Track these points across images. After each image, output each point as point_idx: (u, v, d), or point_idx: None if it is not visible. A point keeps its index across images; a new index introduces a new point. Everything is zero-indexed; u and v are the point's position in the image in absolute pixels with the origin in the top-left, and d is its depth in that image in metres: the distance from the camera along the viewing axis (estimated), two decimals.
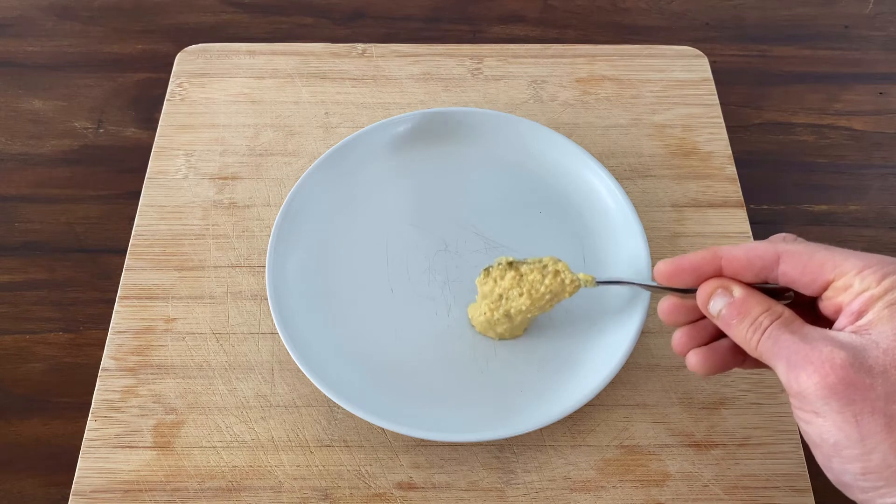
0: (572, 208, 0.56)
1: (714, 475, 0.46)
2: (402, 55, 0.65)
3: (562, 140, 0.57)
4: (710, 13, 0.75)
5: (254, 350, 0.50)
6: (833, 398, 0.29)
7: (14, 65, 0.69)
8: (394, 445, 0.47)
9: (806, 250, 0.33)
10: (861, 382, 0.29)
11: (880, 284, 0.30)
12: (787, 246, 0.34)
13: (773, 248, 0.34)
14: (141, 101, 0.66)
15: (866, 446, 0.29)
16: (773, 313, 0.33)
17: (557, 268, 0.46)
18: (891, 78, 0.70)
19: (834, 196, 0.62)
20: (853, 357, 0.29)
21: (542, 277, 0.46)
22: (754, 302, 0.34)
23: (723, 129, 0.61)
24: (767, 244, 0.34)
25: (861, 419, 0.29)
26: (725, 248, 0.35)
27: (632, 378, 0.50)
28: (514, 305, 0.47)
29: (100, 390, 0.49)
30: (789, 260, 0.33)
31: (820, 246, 0.33)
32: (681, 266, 0.36)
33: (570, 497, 0.46)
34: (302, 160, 0.59)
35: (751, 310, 0.34)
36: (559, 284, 0.46)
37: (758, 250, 0.34)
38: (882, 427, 0.28)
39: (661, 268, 0.37)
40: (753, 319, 0.33)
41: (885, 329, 0.30)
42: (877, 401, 0.29)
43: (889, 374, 0.29)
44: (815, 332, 0.32)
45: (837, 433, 0.29)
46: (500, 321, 0.48)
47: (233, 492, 0.46)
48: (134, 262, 0.54)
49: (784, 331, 0.32)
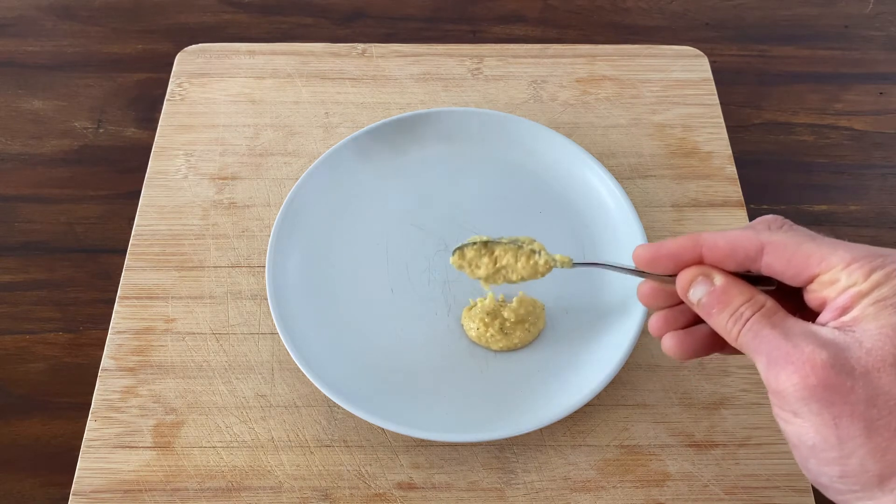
0: (572, 208, 0.56)
1: (714, 475, 0.46)
2: (402, 55, 0.65)
3: (562, 140, 0.57)
4: (710, 13, 0.75)
5: (254, 350, 0.50)
6: (813, 400, 0.28)
7: (14, 65, 0.69)
8: (394, 445, 0.47)
9: (792, 241, 0.31)
10: (842, 385, 0.28)
11: (868, 280, 0.29)
12: (771, 236, 0.32)
13: (756, 239, 0.32)
14: (141, 101, 0.66)
15: (844, 450, 0.28)
16: (754, 304, 0.32)
17: (533, 247, 0.45)
18: (891, 78, 0.70)
19: (834, 196, 0.62)
20: (835, 357, 0.28)
21: (514, 261, 0.45)
22: (736, 291, 0.33)
23: (723, 129, 0.61)
24: (751, 234, 0.32)
25: (840, 422, 0.28)
26: (707, 235, 0.34)
27: (632, 378, 0.50)
28: (505, 315, 0.48)
29: (100, 390, 0.49)
30: (773, 252, 0.32)
31: (806, 235, 0.32)
32: (660, 252, 0.35)
33: (570, 497, 0.46)
34: (302, 160, 0.59)
35: (732, 300, 0.32)
36: (531, 268, 0.44)
37: (741, 240, 0.32)
38: (861, 431, 0.28)
39: (639, 252, 0.36)
40: (734, 310, 0.32)
41: (870, 327, 0.29)
42: (857, 404, 0.28)
43: (871, 376, 0.28)
44: (797, 326, 0.30)
45: (815, 435, 0.29)
46: (494, 337, 0.49)
47: (233, 492, 0.46)
48: (134, 262, 0.54)
49: (765, 324, 0.31)
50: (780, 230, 0.33)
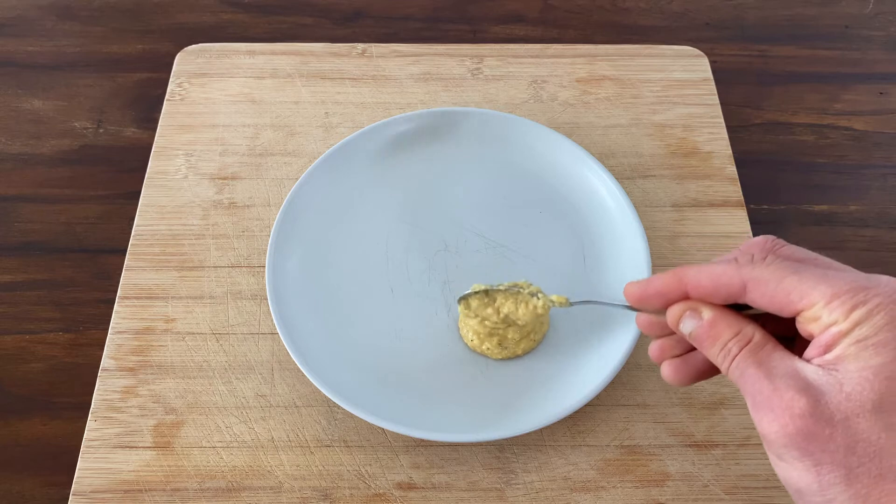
0: (572, 208, 0.56)
1: (714, 475, 0.46)
2: (402, 55, 0.65)
3: (562, 140, 0.57)
4: (710, 13, 0.75)
5: (254, 350, 0.50)
6: (793, 447, 0.28)
7: (14, 65, 0.69)
8: (394, 445, 0.47)
9: (773, 277, 0.31)
10: (820, 433, 0.28)
11: (848, 318, 0.28)
12: (752, 272, 0.31)
13: (738, 277, 0.32)
14: (141, 101, 0.66)
15: (826, 496, 0.28)
16: (741, 339, 0.32)
17: (531, 290, 0.46)
18: (891, 78, 0.70)
19: (834, 196, 0.62)
20: (814, 405, 0.28)
21: (515, 308, 0.46)
22: (724, 325, 0.32)
23: (723, 129, 0.61)
24: (734, 270, 0.32)
25: (821, 469, 0.28)
26: (691, 272, 0.34)
27: (632, 378, 0.50)
28: (510, 336, 0.48)
29: (100, 390, 0.49)
30: (755, 289, 0.31)
31: (789, 268, 0.31)
32: (647, 291, 0.35)
33: (570, 497, 0.46)
34: (302, 160, 0.59)
35: (720, 334, 0.32)
36: (532, 312, 0.46)
37: (723, 278, 0.32)
38: (841, 479, 0.28)
39: (629, 291, 0.36)
40: (723, 345, 0.32)
41: (850, 368, 0.28)
42: (836, 452, 0.28)
43: (850, 423, 0.28)
44: (781, 364, 0.30)
45: (799, 480, 0.29)
46: (491, 350, 0.48)
47: (233, 492, 0.46)
48: (134, 262, 0.54)
49: (750, 363, 0.31)
50: (762, 262, 0.32)
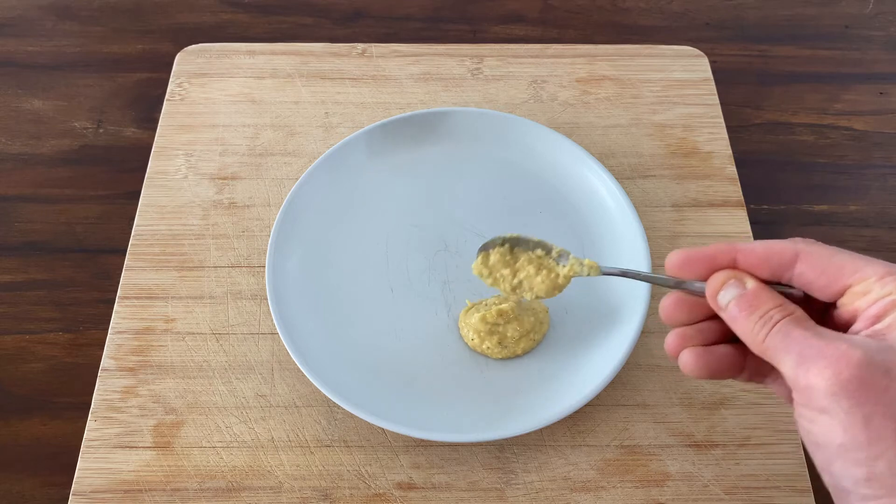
0: (572, 208, 0.56)
1: (714, 475, 0.46)
2: (402, 55, 0.65)
3: (562, 140, 0.57)
4: (710, 13, 0.75)
5: (254, 350, 0.50)
6: (844, 396, 0.28)
7: (14, 65, 0.69)
8: (394, 445, 0.47)
9: (826, 252, 0.32)
10: (877, 383, 0.28)
11: None
12: (806, 245, 0.33)
13: (791, 246, 0.33)
14: (141, 101, 0.66)
15: (872, 451, 0.28)
16: (784, 309, 0.32)
17: (559, 251, 0.44)
18: (891, 78, 0.70)
19: (834, 196, 0.62)
20: (870, 357, 0.28)
21: (535, 273, 0.44)
22: (766, 296, 0.33)
23: (723, 129, 0.61)
24: (787, 242, 0.33)
25: (871, 421, 0.28)
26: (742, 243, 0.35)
27: (632, 378, 0.50)
28: (509, 334, 0.48)
29: (100, 390, 0.49)
30: (808, 259, 0.32)
31: (839, 249, 0.32)
32: (695, 255, 0.35)
33: (570, 497, 0.46)
34: (302, 160, 0.59)
35: (762, 303, 0.32)
36: (551, 283, 0.44)
37: (776, 247, 0.33)
38: (893, 432, 0.27)
39: (674, 255, 0.36)
40: (764, 313, 0.32)
41: None
42: (891, 404, 0.27)
43: None
44: (828, 331, 0.31)
45: (843, 434, 0.28)
46: (491, 350, 0.48)
47: (233, 492, 0.46)
48: (134, 262, 0.54)
49: (796, 326, 0.31)
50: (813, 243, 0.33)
